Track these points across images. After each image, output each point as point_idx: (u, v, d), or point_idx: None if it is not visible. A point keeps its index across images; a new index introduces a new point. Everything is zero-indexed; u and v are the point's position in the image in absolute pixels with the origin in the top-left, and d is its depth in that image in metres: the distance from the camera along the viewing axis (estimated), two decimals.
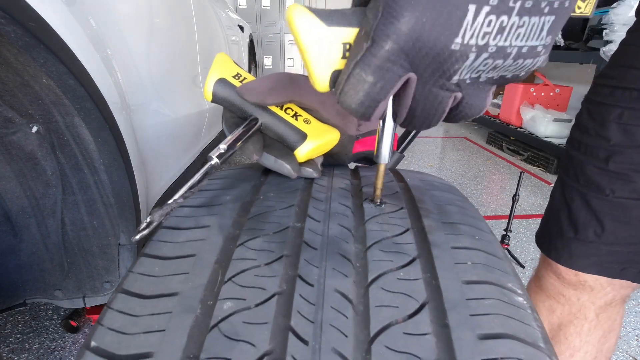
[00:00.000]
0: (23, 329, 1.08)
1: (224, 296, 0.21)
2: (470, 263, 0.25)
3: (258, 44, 5.78)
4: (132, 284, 0.23)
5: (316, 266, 0.24)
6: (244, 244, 0.25)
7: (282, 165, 0.31)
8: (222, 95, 0.32)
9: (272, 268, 0.23)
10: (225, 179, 0.34)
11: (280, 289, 0.22)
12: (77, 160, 0.64)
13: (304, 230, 0.27)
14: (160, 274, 0.23)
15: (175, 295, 0.22)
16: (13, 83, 0.55)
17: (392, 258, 0.25)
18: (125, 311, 0.21)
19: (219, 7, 1.93)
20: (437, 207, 0.31)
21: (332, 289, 0.22)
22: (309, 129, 0.32)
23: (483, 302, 0.22)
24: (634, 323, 1.26)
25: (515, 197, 0.99)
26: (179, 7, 1.12)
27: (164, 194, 0.99)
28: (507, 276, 0.24)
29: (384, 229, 0.27)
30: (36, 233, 0.70)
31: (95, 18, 0.65)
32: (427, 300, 0.22)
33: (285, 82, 0.32)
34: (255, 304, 0.21)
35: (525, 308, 0.22)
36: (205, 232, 0.27)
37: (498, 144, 3.26)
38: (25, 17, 0.47)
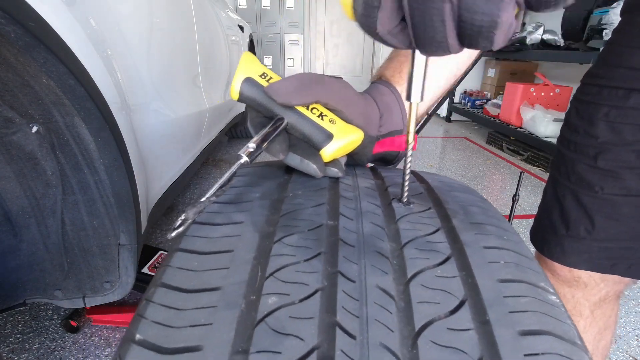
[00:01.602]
0: (23, 329, 1.08)
1: (267, 291, 0.21)
2: (503, 262, 0.25)
3: (258, 44, 5.78)
4: (171, 277, 0.23)
5: (355, 263, 0.24)
6: (280, 240, 0.25)
7: (308, 165, 0.31)
8: (249, 94, 0.32)
9: (311, 264, 0.24)
10: (249, 177, 0.34)
11: (322, 285, 0.22)
12: (77, 160, 0.64)
13: (339, 228, 0.27)
14: (199, 269, 0.23)
15: (217, 290, 0.22)
16: (13, 83, 0.55)
17: (428, 256, 0.25)
18: (168, 304, 0.21)
19: (219, 7, 1.93)
20: (462, 208, 0.31)
21: (374, 285, 0.22)
22: (335, 128, 0.32)
23: (519, 299, 0.22)
24: (634, 323, 1.26)
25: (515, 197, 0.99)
26: (179, 7, 1.12)
27: (164, 194, 0.99)
28: (539, 275, 0.25)
29: (416, 228, 0.28)
30: (36, 233, 0.70)
31: (95, 18, 0.65)
32: (466, 297, 0.22)
33: (312, 82, 0.32)
34: (300, 299, 0.21)
35: (559, 306, 0.23)
36: (239, 228, 0.27)
37: (498, 144, 3.26)
38: (25, 17, 0.47)
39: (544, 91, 3.07)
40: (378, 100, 0.39)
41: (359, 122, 0.34)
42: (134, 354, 0.19)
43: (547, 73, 3.47)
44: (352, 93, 0.35)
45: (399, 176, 0.36)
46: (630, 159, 0.52)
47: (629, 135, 0.51)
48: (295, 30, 6.00)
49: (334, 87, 0.33)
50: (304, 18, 5.94)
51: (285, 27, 5.95)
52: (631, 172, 0.52)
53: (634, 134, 0.51)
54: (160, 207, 0.98)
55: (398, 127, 0.38)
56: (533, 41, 3.05)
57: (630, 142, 0.52)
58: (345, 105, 0.34)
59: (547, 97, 3.08)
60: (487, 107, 3.64)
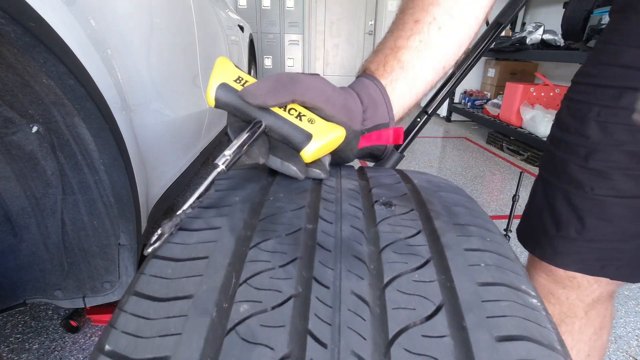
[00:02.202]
0: (23, 329, 1.08)
1: (240, 299, 0.21)
2: (484, 265, 0.25)
3: (258, 44, 5.78)
4: (144, 286, 0.23)
5: (331, 268, 0.24)
6: (256, 245, 0.25)
7: (288, 167, 0.31)
8: (225, 100, 0.32)
9: (286, 270, 0.23)
10: (232, 180, 0.34)
11: (296, 292, 0.22)
12: (77, 160, 0.64)
13: (317, 232, 0.27)
14: (173, 276, 0.23)
15: (189, 298, 0.21)
16: (13, 83, 0.55)
17: (406, 260, 0.25)
18: (139, 314, 0.21)
19: (219, 7, 1.93)
20: (446, 209, 0.31)
21: (348, 291, 0.22)
22: (314, 128, 0.32)
23: (499, 304, 0.22)
24: (634, 323, 1.26)
25: (515, 197, 0.99)
26: (179, 7, 1.12)
27: (164, 194, 0.99)
28: (520, 278, 0.24)
29: (396, 231, 0.27)
30: (36, 233, 0.70)
31: (95, 18, 0.65)
32: (444, 302, 0.22)
33: (287, 81, 0.32)
34: (272, 307, 0.21)
35: (539, 310, 0.22)
36: (216, 234, 0.26)
37: (498, 144, 3.26)
38: (25, 17, 0.47)
39: (544, 91, 3.07)
40: (362, 93, 0.38)
41: (340, 118, 0.34)
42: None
43: (547, 73, 3.47)
44: (330, 88, 0.34)
45: (384, 177, 0.36)
46: (621, 160, 0.52)
47: (620, 135, 0.51)
48: (295, 30, 6.00)
49: (310, 84, 0.33)
50: (304, 18, 5.93)
51: (285, 27, 5.95)
52: (621, 172, 0.52)
53: (625, 134, 0.51)
54: (160, 207, 0.98)
55: (384, 120, 0.37)
56: (533, 41, 3.05)
57: (622, 143, 0.51)
58: (324, 101, 0.33)
59: (547, 97, 3.08)
60: (487, 107, 3.64)
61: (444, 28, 0.40)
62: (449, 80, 0.65)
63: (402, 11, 0.41)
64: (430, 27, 0.39)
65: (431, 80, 0.41)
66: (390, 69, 0.39)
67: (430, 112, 0.64)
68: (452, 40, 0.41)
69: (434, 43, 0.40)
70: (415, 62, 0.39)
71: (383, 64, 0.39)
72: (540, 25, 3.06)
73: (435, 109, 0.63)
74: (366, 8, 6.15)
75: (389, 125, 0.37)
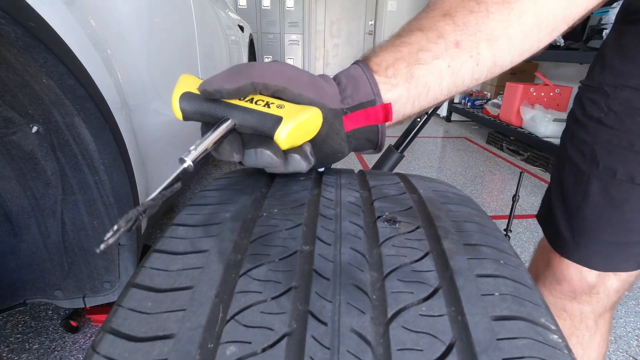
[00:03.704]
0: (23, 329, 1.08)
1: (227, 339, 0.19)
2: (498, 294, 0.23)
3: (258, 44, 5.78)
4: (121, 322, 0.20)
5: (329, 300, 0.22)
6: (247, 273, 0.23)
7: (262, 153, 0.29)
8: (190, 108, 0.31)
9: (279, 303, 0.21)
10: (223, 191, 0.32)
11: (290, 329, 0.20)
12: (77, 160, 0.64)
13: (314, 256, 0.25)
14: (153, 311, 0.21)
15: (170, 338, 0.19)
16: (13, 83, 0.55)
17: (413, 289, 0.22)
18: (114, 357, 0.19)
19: (219, 7, 1.93)
20: (456, 225, 0.29)
21: (348, 329, 0.20)
22: (284, 112, 0.30)
23: (516, 342, 0.20)
24: (634, 323, 1.26)
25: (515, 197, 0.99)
26: (179, 7, 1.12)
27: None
28: (539, 309, 0.22)
29: (401, 254, 0.25)
30: (36, 233, 0.70)
31: (95, 18, 0.65)
32: (454, 341, 0.20)
33: (243, 68, 0.31)
34: (262, 349, 0.19)
35: (561, 348, 0.20)
36: (203, 259, 0.24)
37: (498, 144, 3.26)
38: (25, 17, 0.47)
39: (544, 91, 3.07)
40: (338, 74, 0.35)
41: (309, 95, 0.31)
42: None
43: (547, 73, 3.47)
44: (292, 68, 0.32)
45: (388, 186, 0.34)
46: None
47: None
48: (295, 30, 6.00)
49: (268, 67, 0.31)
50: (304, 18, 5.94)
51: (285, 27, 5.95)
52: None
53: None
54: (161, 207, 0.98)
55: (368, 97, 0.33)
56: None
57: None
58: (286, 80, 0.31)
59: (547, 97, 3.08)
60: (487, 107, 3.64)
61: (480, 68, 0.36)
62: None
63: (444, 16, 0.35)
64: (469, 60, 0.35)
65: (443, 99, 0.38)
66: (395, 74, 0.34)
67: (430, 112, 0.64)
68: (480, 79, 0.37)
69: (461, 74, 0.35)
70: (430, 81, 0.35)
71: (389, 66, 0.35)
72: None
73: (435, 109, 0.63)
74: (366, 8, 6.15)
75: (375, 103, 0.34)
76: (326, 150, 0.34)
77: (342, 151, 0.36)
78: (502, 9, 0.33)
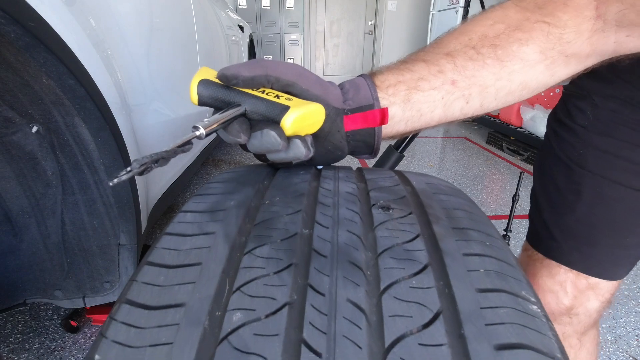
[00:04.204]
0: (23, 329, 1.09)
1: (233, 307, 0.21)
2: (483, 270, 0.24)
3: (258, 44, 5.78)
4: (136, 294, 0.22)
5: (327, 275, 0.23)
6: (251, 251, 0.25)
7: (267, 134, 0.31)
8: (206, 93, 0.33)
9: (281, 277, 0.23)
10: (227, 183, 0.34)
11: (290, 299, 0.21)
12: (77, 160, 0.64)
13: (313, 237, 0.26)
14: (166, 284, 0.23)
15: (182, 307, 0.21)
16: (13, 83, 0.55)
17: (404, 266, 0.24)
18: (131, 323, 0.20)
19: (219, 7, 1.93)
20: (446, 212, 0.30)
21: (344, 299, 0.22)
22: (291, 103, 0.33)
23: (498, 311, 0.21)
24: (634, 323, 1.26)
25: (515, 197, 0.99)
26: (179, 7, 1.12)
27: (164, 194, 0.99)
28: (520, 284, 0.24)
29: (394, 235, 0.27)
30: (36, 233, 0.70)
31: (95, 18, 0.65)
32: (442, 310, 0.21)
33: (259, 60, 0.34)
34: (266, 315, 0.20)
35: (540, 317, 0.22)
36: (210, 240, 0.26)
37: (498, 144, 3.26)
38: (25, 17, 0.47)
39: (544, 91, 3.07)
40: (344, 82, 0.39)
41: (315, 91, 0.35)
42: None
43: None
44: (301, 68, 0.36)
45: (383, 179, 0.36)
46: None
47: None
48: (295, 30, 6.00)
49: (283, 64, 0.35)
50: (304, 18, 5.94)
51: (285, 27, 5.95)
52: None
53: None
54: (160, 207, 0.98)
55: (367, 101, 0.37)
56: None
57: None
58: (296, 75, 0.34)
59: (547, 97, 3.08)
60: None
61: (469, 106, 0.39)
62: None
63: (446, 55, 0.38)
64: (460, 98, 0.38)
65: (433, 125, 0.40)
66: (394, 93, 0.37)
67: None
68: (467, 115, 0.40)
69: (452, 107, 0.38)
70: (424, 107, 0.38)
71: (390, 86, 0.38)
72: None
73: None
74: (366, 8, 6.15)
75: (373, 107, 0.37)
76: (328, 146, 0.37)
77: (342, 149, 0.38)
78: (496, 63, 0.37)
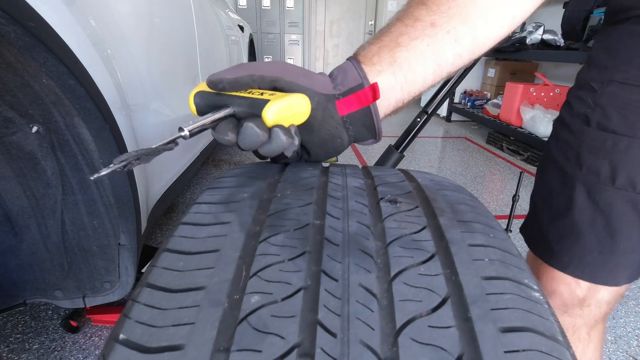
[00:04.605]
0: (23, 329, 1.09)
1: (251, 290, 0.22)
2: (488, 260, 0.25)
3: (258, 44, 5.78)
4: (157, 278, 0.23)
5: (339, 262, 0.24)
6: (266, 240, 0.26)
7: (247, 126, 0.32)
8: (201, 102, 0.36)
9: (296, 263, 0.24)
10: (239, 177, 0.36)
11: (305, 284, 0.22)
12: (77, 160, 0.64)
13: (325, 227, 0.27)
14: (185, 269, 0.24)
15: (202, 290, 0.22)
16: (13, 83, 0.55)
17: (412, 254, 0.25)
18: (153, 304, 0.21)
19: (219, 7, 1.93)
20: (450, 206, 0.31)
21: (357, 284, 0.23)
22: (273, 97, 0.34)
23: (502, 296, 0.22)
24: (634, 323, 1.26)
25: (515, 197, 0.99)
26: (179, 7, 1.12)
27: (164, 194, 0.99)
28: (523, 272, 0.25)
29: (402, 227, 0.28)
30: (36, 233, 0.70)
31: (95, 18, 0.65)
32: (449, 295, 0.22)
33: (244, 64, 0.36)
34: (282, 298, 0.21)
35: (542, 303, 0.23)
36: (226, 228, 0.27)
37: (498, 144, 3.26)
38: (25, 17, 0.47)
39: (544, 91, 3.07)
40: (333, 70, 0.39)
41: (301, 82, 0.35)
42: (117, 353, 0.19)
43: (547, 73, 3.47)
44: (285, 63, 0.37)
45: (389, 176, 0.37)
46: None
47: None
48: (295, 30, 6.00)
49: (266, 63, 0.36)
50: (304, 18, 5.93)
51: (285, 27, 5.95)
52: None
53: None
54: (160, 207, 0.98)
55: (356, 81, 0.37)
56: (533, 41, 3.05)
57: None
58: (280, 71, 0.35)
59: (547, 97, 3.08)
60: (487, 107, 3.64)
61: (460, 44, 0.38)
62: (449, 81, 0.64)
63: (417, 4, 0.38)
64: (445, 36, 0.37)
65: (431, 82, 0.40)
66: (379, 60, 0.38)
67: (430, 112, 0.64)
68: (463, 57, 0.39)
69: (442, 52, 0.38)
70: (413, 62, 0.38)
71: (374, 55, 0.38)
72: (540, 25, 3.06)
73: (435, 109, 0.63)
74: (366, 8, 6.15)
75: (363, 86, 0.37)
76: (324, 135, 0.38)
77: (340, 136, 0.39)
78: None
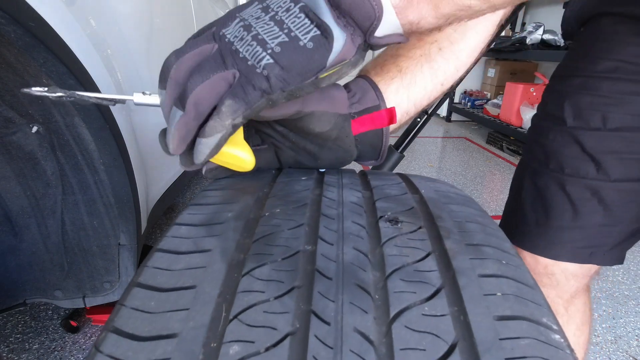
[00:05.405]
0: (23, 329, 1.09)
1: (230, 338, 0.19)
2: (501, 294, 0.23)
3: None
4: (124, 321, 0.21)
5: (332, 300, 0.22)
6: (250, 272, 0.23)
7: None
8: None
9: (283, 302, 0.21)
10: (225, 191, 0.33)
11: (293, 328, 0.20)
12: (77, 160, 0.64)
13: (316, 255, 0.25)
14: (157, 310, 0.21)
15: (174, 338, 0.19)
16: (13, 83, 0.55)
17: (415, 289, 0.23)
18: (118, 356, 0.19)
19: (219, 7, 1.93)
20: (458, 225, 0.29)
21: (351, 328, 0.20)
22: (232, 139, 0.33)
23: (518, 342, 0.20)
24: (634, 323, 1.26)
25: None
26: (179, 7, 1.12)
27: (164, 194, 0.99)
28: (541, 309, 0.22)
29: (404, 253, 0.25)
30: (36, 233, 0.70)
31: (95, 18, 0.65)
32: (457, 341, 0.20)
33: None
34: (266, 348, 0.19)
35: (563, 348, 0.20)
36: (206, 258, 0.24)
37: (498, 144, 3.26)
38: (25, 17, 0.47)
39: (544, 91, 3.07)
40: (350, 84, 0.40)
41: (322, 108, 0.34)
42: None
43: (547, 73, 3.47)
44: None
45: (389, 186, 0.35)
46: (614, 145, 0.53)
47: (614, 121, 0.53)
48: None
49: None
50: None
51: None
52: (614, 157, 0.54)
53: (620, 120, 0.53)
54: (160, 207, 0.98)
55: (373, 102, 0.38)
56: (533, 41, 3.05)
57: (617, 129, 0.53)
58: (300, 103, 0.34)
59: None
60: (487, 107, 3.64)
61: (445, 50, 0.43)
62: None
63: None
64: (432, 45, 0.43)
65: (430, 90, 0.43)
66: (387, 70, 0.41)
67: (430, 112, 0.63)
68: (451, 63, 0.43)
69: (433, 59, 0.43)
70: (414, 69, 0.41)
71: (380, 66, 0.42)
72: (540, 25, 3.06)
73: (435, 109, 0.63)
74: None
75: (379, 108, 0.38)
76: (337, 152, 0.37)
77: (352, 154, 0.39)
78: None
